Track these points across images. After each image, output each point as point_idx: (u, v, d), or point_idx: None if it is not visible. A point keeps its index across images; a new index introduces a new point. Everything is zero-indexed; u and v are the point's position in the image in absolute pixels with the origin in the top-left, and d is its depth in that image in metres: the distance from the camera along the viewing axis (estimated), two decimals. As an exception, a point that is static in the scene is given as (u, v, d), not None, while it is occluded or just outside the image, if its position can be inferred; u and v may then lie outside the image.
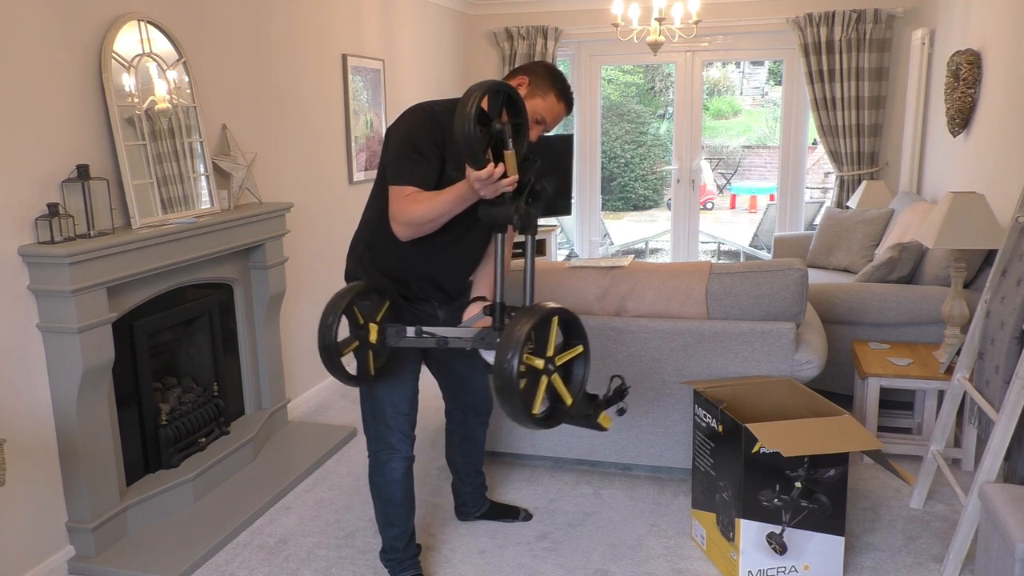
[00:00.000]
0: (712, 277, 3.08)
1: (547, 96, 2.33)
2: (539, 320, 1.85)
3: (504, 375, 1.77)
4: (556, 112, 2.35)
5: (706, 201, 12.37)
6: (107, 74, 2.80)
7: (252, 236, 3.43)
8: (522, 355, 1.78)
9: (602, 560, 2.74)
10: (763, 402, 2.80)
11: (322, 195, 4.35)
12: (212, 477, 3.20)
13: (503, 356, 1.77)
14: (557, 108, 2.35)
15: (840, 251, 5.06)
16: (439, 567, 2.72)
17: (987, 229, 3.12)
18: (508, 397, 1.79)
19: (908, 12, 5.63)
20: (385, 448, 2.47)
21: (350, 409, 4.21)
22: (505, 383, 1.78)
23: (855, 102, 5.74)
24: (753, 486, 2.46)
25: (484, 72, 6.50)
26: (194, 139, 3.23)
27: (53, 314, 2.57)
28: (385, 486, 2.50)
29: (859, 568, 2.64)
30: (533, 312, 1.85)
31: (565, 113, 2.39)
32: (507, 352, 1.77)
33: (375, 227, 2.40)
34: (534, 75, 2.34)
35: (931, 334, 3.68)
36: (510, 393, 1.79)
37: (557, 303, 1.94)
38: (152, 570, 2.66)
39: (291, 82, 4.02)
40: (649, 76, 13.71)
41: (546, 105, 2.33)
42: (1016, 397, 2.31)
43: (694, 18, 4.93)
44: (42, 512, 2.65)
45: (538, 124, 2.35)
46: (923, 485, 3.01)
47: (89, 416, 2.69)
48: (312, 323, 4.28)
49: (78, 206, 2.65)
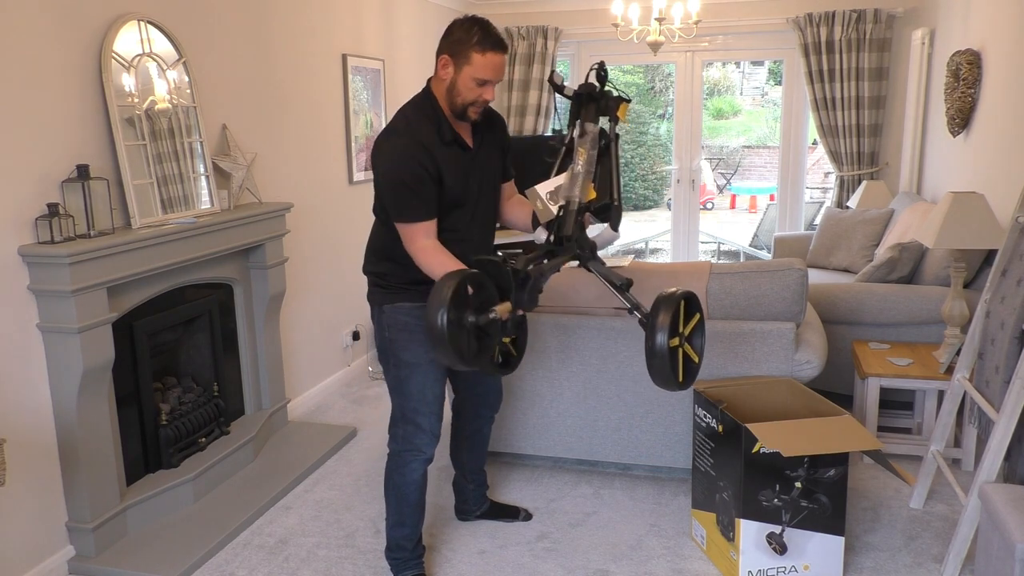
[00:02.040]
0: (712, 277, 3.08)
1: (471, 56, 2.24)
2: (676, 308, 2.17)
3: (660, 355, 2.10)
4: (490, 64, 2.26)
5: (706, 201, 12.37)
6: (107, 74, 2.80)
7: (252, 236, 3.43)
8: (670, 338, 2.11)
9: (602, 560, 2.74)
10: (763, 402, 2.80)
11: (322, 195, 4.35)
12: (212, 477, 3.20)
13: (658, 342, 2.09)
14: (487, 59, 2.25)
15: (840, 251, 5.06)
16: (439, 567, 2.72)
17: (987, 229, 3.12)
18: (664, 372, 2.14)
19: (908, 12, 5.63)
20: (410, 448, 2.49)
21: (350, 409, 4.21)
22: (661, 363, 2.11)
23: (855, 102, 5.74)
24: (753, 486, 2.46)
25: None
26: (194, 139, 3.23)
27: (53, 314, 2.57)
28: (404, 486, 2.51)
29: (859, 568, 2.64)
30: (670, 302, 2.14)
31: (500, 55, 2.27)
32: (659, 336, 2.09)
33: (389, 243, 2.42)
34: (449, 46, 2.27)
35: (931, 334, 3.68)
36: (666, 369, 2.13)
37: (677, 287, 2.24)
38: (152, 570, 2.66)
39: (291, 82, 4.02)
40: (649, 76, 13.71)
41: (477, 66, 2.25)
42: (1016, 397, 2.31)
43: (694, 18, 4.93)
44: (42, 512, 2.65)
45: (483, 86, 2.28)
46: (923, 485, 3.01)
47: (89, 416, 2.69)
48: (312, 323, 4.28)
49: (78, 206, 2.65)
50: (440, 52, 2.31)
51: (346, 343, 4.66)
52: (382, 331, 2.50)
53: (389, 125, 2.37)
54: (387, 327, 2.47)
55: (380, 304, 2.49)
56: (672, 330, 2.12)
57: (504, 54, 2.29)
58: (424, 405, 2.46)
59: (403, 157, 2.25)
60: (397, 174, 2.26)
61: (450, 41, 2.28)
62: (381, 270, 2.48)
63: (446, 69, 2.28)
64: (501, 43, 2.28)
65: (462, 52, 2.25)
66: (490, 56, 2.25)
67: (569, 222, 2.22)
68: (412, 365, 2.44)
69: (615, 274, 2.28)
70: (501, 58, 2.28)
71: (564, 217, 2.23)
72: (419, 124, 2.31)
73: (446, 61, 2.28)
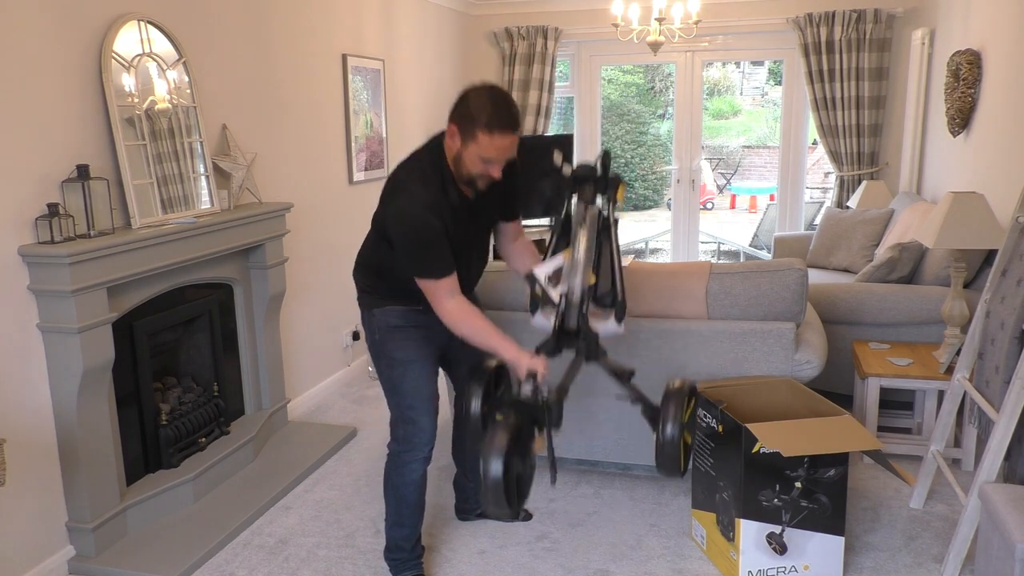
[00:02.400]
0: (712, 277, 3.08)
1: (477, 135, 2.15)
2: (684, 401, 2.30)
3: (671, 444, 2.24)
4: (498, 144, 2.16)
5: (706, 201, 12.37)
6: (107, 74, 2.80)
7: (252, 236, 3.43)
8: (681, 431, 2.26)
9: (602, 560, 2.74)
10: (763, 402, 2.80)
11: (322, 195, 4.35)
12: (212, 477, 3.20)
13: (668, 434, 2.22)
14: (494, 140, 2.15)
15: (840, 251, 5.06)
16: (439, 567, 2.72)
17: (987, 229, 3.12)
18: (672, 463, 2.27)
19: (908, 12, 5.63)
20: (409, 449, 2.50)
21: (350, 409, 4.21)
22: (672, 451, 2.25)
23: (855, 102, 5.73)
24: (753, 486, 2.46)
25: (484, 72, 6.49)
26: (194, 139, 3.23)
27: (53, 314, 2.57)
28: (403, 486, 2.52)
29: (859, 568, 2.64)
30: (680, 395, 2.29)
31: (509, 135, 2.16)
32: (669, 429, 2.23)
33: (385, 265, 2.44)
34: (459, 118, 2.19)
35: (931, 334, 3.68)
36: (674, 459, 2.27)
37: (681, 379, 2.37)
38: (152, 570, 2.66)
39: (291, 82, 4.02)
40: (649, 76, 13.71)
41: (481, 146, 2.16)
42: (1016, 397, 2.31)
43: (694, 18, 4.93)
44: (42, 512, 2.65)
45: (489, 163, 2.20)
46: (923, 485, 3.01)
47: (89, 416, 2.69)
48: (312, 323, 4.28)
49: (78, 206, 2.65)
50: (450, 119, 2.21)
51: (346, 343, 4.66)
52: (372, 334, 2.51)
53: (403, 176, 2.30)
54: (377, 329, 2.48)
55: (370, 308, 2.50)
56: (680, 424, 2.24)
57: (515, 133, 2.18)
58: (420, 402, 2.47)
59: (423, 218, 2.20)
60: (417, 235, 2.21)
61: (460, 112, 2.19)
62: (371, 282, 2.51)
63: (453, 139, 2.21)
64: (512, 122, 2.16)
65: (470, 129, 2.16)
66: (498, 137, 2.14)
67: (573, 315, 2.26)
68: (406, 363, 2.46)
69: (619, 367, 2.35)
70: (511, 138, 2.17)
71: (567, 310, 2.27)
72: (432, 182, 2.26)
73: (453, 131, 2.20)
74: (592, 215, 2.28)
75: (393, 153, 5.17)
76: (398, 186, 2.30)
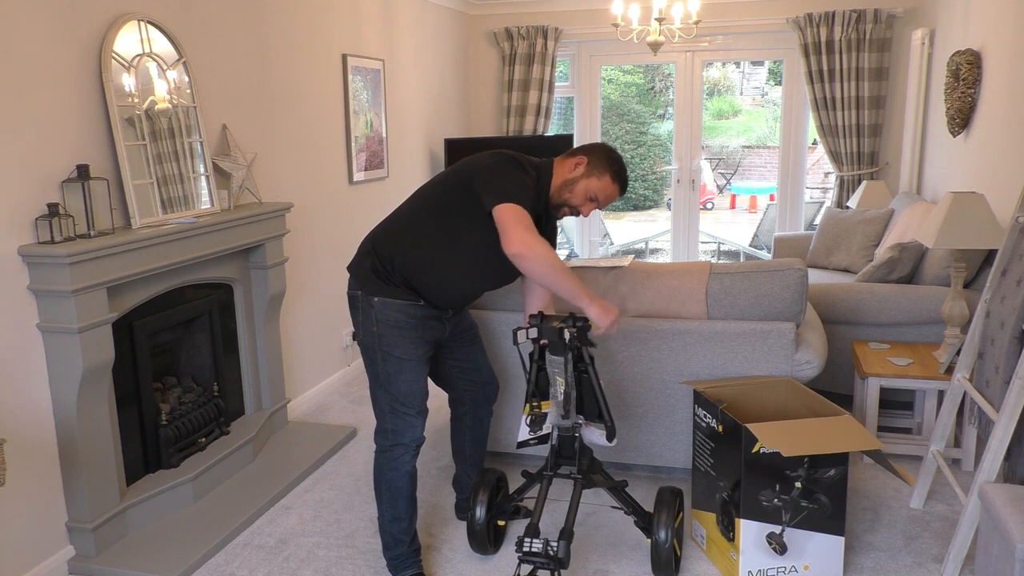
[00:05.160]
0: (712, 277, 3.08)
1: (603, 177, 2.52)
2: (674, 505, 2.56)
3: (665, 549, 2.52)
4: (610, 192, 2.55)
5: (706, 201, 12.38)
6: (107, 74, 2.80)
7: (252, 236, 3.43)
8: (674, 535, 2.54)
9: (602, 560, 2.74)
10: (763, 402, 2.80)
11: (322, 195, 4.35)
12: (212, 477, 3.20)
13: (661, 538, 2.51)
14: (611, 189, 2.54)
15: (840, 251, 5.06)
16: (439, 567, 2.72)
17: (987, 229, 3.12)
18: (669, 569, 2.55)
19: (908, 12, 5.63)
20: (400, 443, 2.51)
21: (350, 409, 4.21)
22: (668, 557, 2.53)
23: (855, 102, 5.74)
24: (753, 486, 2.46)
25: (484, 72, 6.50)
26: (194, 139, 3.23)
27: (53, 314, 2.57)
28: (397, 479, 2.53)
29: (859, 568, 2.64)
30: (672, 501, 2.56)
31: (619, 194, 2.58)
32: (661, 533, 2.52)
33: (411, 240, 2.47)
34: (592, 155, 2.53)
35: (931, 334, 3.68)
36: (669, 564, 2.54)
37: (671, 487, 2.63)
38: (152, 570, 2.66)
39: (291, 82, 4.02)
40: (649, 76, 13.71)
41: (601, 185, 2.52)
42: (1016, 397, 2.31)
43: (694, 18, 4.93)
44: (42, 512, 2.65)
45: (591, 202, 2.55)
46: (923, 485, 3.01)
47: (89, 416, 2.69)
48: (312, 323, 4.28)
49: (78, 206, 2.65)
50: (581, 152, 2.54)
51: (346, 343, 4.66)
52: (370, 325, 2.46)
53: (522, 156, 2.51)
54: (377, 322, 2.44)
55: (372, 293, 2.45)
56: (672, 529, 2.52)
57: (619, 196, 2.60)
58: (413, 399, 2.50)
59: (519, 161, 2.46)
60: (510, 163, 2.43)
61: (596, 154, 2.54)
62: (384, 261, 2.46)
63: (577, 168, 2.52)
64: (625, 187, 2.59)
65: (601, 166, 2.52)
66: (616, 188, 2.56)
67: (569, 446, 2.52)
68: (403, 360, 2.46)
69: (612, 480, 2.60)
70: (617, 196, 2.59)
71: (562, 442, 2.53)
72: (532, 177, 2.49)
73: (582, 161, 2.52)
74: (568, 362, 2.42)
75: (393, 153, 5.17)
76: (516, 156, 2.49)
